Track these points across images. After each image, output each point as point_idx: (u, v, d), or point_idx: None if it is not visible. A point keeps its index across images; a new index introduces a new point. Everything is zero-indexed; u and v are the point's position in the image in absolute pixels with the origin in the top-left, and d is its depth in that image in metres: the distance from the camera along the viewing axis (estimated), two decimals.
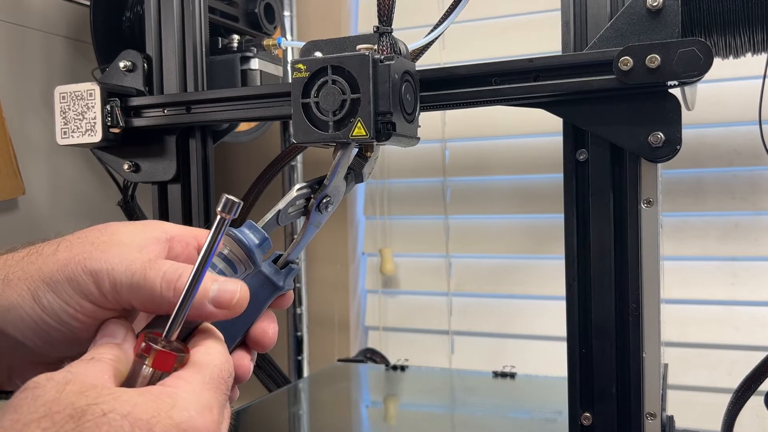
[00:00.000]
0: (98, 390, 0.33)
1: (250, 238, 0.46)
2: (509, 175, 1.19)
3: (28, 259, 0.42)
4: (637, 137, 0.57)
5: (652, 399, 0.61)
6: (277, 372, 1.12)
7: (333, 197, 0.51)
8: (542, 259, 1.17)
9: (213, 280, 0.42)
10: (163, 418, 0.33)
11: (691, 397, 1.06)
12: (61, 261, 0.41)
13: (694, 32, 0.66)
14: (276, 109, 0.71)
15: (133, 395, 0.33)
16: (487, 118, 1.17)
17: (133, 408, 0.32)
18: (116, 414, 0.32)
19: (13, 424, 0.31)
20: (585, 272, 0.62)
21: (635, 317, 0.60)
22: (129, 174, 0.82)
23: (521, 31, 1.16)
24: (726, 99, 1.03)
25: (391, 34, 0.55)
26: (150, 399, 0.33)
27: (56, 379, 0.34)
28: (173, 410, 0.33)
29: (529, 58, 0.60)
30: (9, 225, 0.95)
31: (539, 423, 0.86)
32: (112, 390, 0.33)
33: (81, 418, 0.31)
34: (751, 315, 1.04)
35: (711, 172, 1.06)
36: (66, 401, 0.32)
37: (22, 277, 0.41)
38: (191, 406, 0.34)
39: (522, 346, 1.18)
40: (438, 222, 1.25)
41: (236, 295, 0.42)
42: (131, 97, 0.79)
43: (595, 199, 0.61)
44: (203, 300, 0.41)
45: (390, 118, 0.51)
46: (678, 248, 1.07)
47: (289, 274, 0.50)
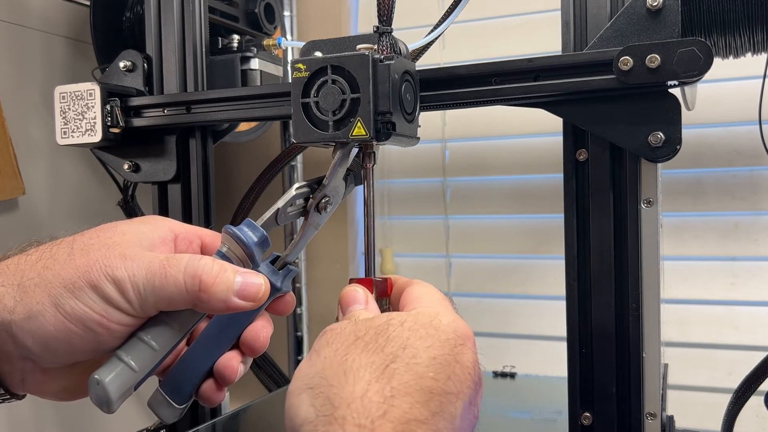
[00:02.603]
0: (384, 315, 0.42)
1: (249, 236, 0.46)
2: (509, 175, 1.19)
3: (42, 264, 0.42)
4: (637, 137, 0.57)
5: (652, 399, 0.61)
6: (277, 372, 1.12)
7: (332, 198, 0.51)
8: (542, 259, 1.17)
9: (236, 273, 0.42)
10: (438, 321, 0.41)
11: (691, 397, 1.06)
12: (81, 267, 0.41)
13: (694, 32, 0.66)
14: (276, 109, 0.71)
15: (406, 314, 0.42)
16: (487, 118, 1.17)
17: (416, 317, 0.41)
18: (409, 322, 0.41)
19: (334, 353, 0.39)
20: (585, 272, 0.62)
21: (635, 317, 0.60)
22: (129, 174, 0.82)
23: (521, 31, 1.16)
24: (726, 99, 1.03)
25: (391, 34, 0.55)
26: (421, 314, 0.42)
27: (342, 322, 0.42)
28: (440, 316, 0.42)
29: (529, 58, 0.60)
30: (9, 225, 0.95)
31: (539, 423, 0.86)
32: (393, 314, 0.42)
33: (386, 331, 0.40)
34: (751, 315, 1.04)
35: (711, 172, 1.06)
36: (365, 327, 0.41)
37: (40, 283, 0.41)
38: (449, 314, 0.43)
39: (522, 346, 1.18)
40: (438, 222, 1.25)
41: (262, 288, 0.43)
42: (131, 97, 0.79)
43: (595, 199, 0.61)
44: (228, 292, 0.42)
45: (390, 117, 0.51)
46: (678, 248, 1.07)
47: (287, 276, 0.49)
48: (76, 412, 1.04)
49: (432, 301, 0.45)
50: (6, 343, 0.41)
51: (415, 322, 0.41)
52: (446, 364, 0.39)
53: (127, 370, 0.42)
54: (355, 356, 0.38)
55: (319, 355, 0.40)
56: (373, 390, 0.36)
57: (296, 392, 0.39)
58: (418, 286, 0.47)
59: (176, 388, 0.48)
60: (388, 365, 0.38)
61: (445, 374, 0.38)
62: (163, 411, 0.48)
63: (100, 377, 0.42)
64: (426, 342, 0.39)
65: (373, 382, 0.36)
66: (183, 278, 0.41)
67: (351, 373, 0.37)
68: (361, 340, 0.39)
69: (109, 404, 0.42)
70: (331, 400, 0.36)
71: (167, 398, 0.47)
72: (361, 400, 0.36)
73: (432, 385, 0.37)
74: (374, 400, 0.36)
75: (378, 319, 0.41)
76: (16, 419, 0.96)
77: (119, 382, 0.42)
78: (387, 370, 0.37)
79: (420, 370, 0.38)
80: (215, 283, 0.42)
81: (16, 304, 0.41)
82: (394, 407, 0.35)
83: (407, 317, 0.41)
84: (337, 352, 0.39)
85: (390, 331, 0.40)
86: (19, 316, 0.40)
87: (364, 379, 0.37)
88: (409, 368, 0.38)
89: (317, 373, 0.38)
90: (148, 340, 0.43)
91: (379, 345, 0.39)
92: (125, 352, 0.43)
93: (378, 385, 0.36)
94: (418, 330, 0.40)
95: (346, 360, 0.38)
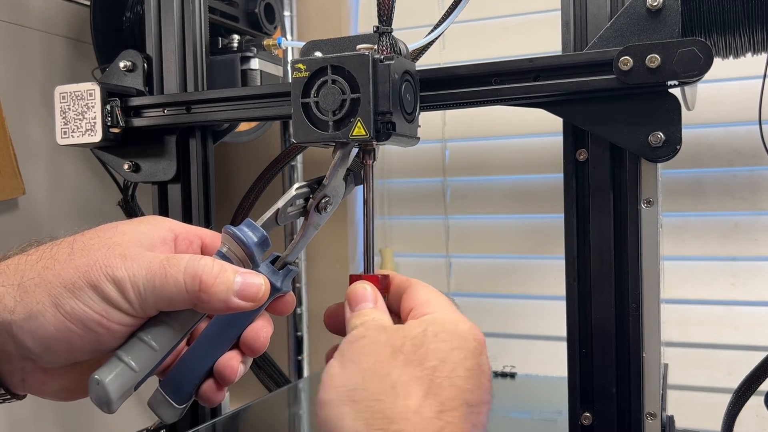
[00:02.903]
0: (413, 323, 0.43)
1: (249, 236, 0.46)
2: (509, 175, 1.19)
3: (42, 264, 0.42)
4: (637, 137, 0.57)
5: (652, 399, 0.61)
6: (277, 372, 1.12)
7: (332, 198, 0.51)
8: (542, 259, 1.17)
9: (236, 273, 0.42)
10: (461, 329, 0.42)
11: (691, 397, 1.06)
12: (81, 267, 0.41)
13: (694, 32, 0.66)
14: (276, 109, 0.71)
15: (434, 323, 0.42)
16: (487, 118, 1.17)
17: (444, 326, 0.42)
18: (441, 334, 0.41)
19: (375, 365, 0.39)
20: (585, 272, 0.62)
21: (635, 317, 0.60)
22: (129, 174, 0.82)
23: (521, 31, 1.16)
24: (726, 99, 1.03)
25: (391, 34, 0.55)
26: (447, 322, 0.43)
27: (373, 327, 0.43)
28: (460, 323, 0.43)
29: (529, 58, 0.60)
30: (9, 225, 0.95)
31: (539, 423, 0.86)
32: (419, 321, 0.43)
33: (423, 344, 0.40)
34: (751, 315, 1.04)
35: (711, 172, 1.06)
36: (400, 337, 0.41)
37: (40, 283, 0.41)
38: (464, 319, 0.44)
39: (522, 346, 1.18)
40: (438, 222, 1.25)
41: (262, 288, 0.44)
42: (131, 97, 0.79)
43: (595, 199, 0.61)
44: (228, 292, 0.42)
45: (390, 117, 0.51)
46: (678, 248, 1.07)
47: (287, 276, 0.49)
48: (76, 413, 1.04)
49: (443, 305, 0.45)
50: (6, 343, 0.41)
51: (447, 333, 0.41)
52: (477, 376, 0.40)
53: (128, 370, 0.42)
54: (401, 370, 0.39)
55: (357, 365, 0.40)
56: (426, 405, 0.37)
57: (336, 403, 0.39)
58: (422, 288, 0.48)
59: (176, 388, 0.48)
60: (433, 380, 0.39)
61: (477, 385, 0.40)
62: (163, 411, 0.48)
63: (100, 377, 0.42)
64: (460, 354, 0.41)
65: (424, 398, 0.38)
66: (183, 278, 0.41)
67: (400, 388, 0.38)
68: (401, 353, 0.40)
69: (109, 404, 0.42)
70: (385, 414, 0.37)
71: (167, 398, 0.47)
72: (417, 415, 0.37)
73: (470, 398, 0.39)
74: (428, 415, 0.37)
75: (411, 329, 0.42)
76: (16, 419, 0.96)
77: (119, 382, 0.42)
78: (433, 386, 0.38)
79: (459, 383, 0.39)
80: (215, 283, 0.42)
81: (16, 304, 0.41)
82: (450, 423, 0.37)
83: (438, 328, 0.42)
84: (378, 364, 0.40)
85: (427, 344, 0.40)
86: (19, 316, 0.40)
87: (415, 394, 0.38)
88: (451, 383, 0.39)
89: (359, 386, 0.39)
90: (149, 340, 0.43)
91: (418, 358, 0.40)
92: (125, 352, 0.43)
93: (429, 401, 0.37)
94: (451, 341, 0.41)
95: (390, 374, 0.39)
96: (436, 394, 0.38)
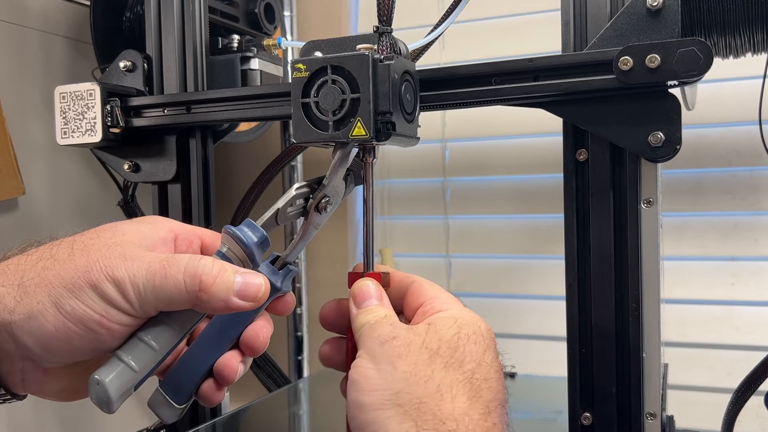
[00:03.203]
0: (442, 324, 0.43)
1: (249, 236, 0.46)
2: (509, 175, 1.19)
3: (42, 264, 0.42)
4: (637, 137, 0.57)
5: (652, 399, 0.61)
6: (277, 372, 1.12)
7: (332, 198, 0.51)
8: (542, 259, 1.17)
9: (236, 273, 0.42)
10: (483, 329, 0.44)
11: (691, 397, 1.06)
12: (81, 267, 0.41)
13: (694, 32, 0.66)
14: (276, 109, 0.71)
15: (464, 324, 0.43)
16: (487, 118, 1.17)
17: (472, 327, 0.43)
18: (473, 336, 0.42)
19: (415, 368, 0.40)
20: (585, 272, 0.62)
21: (635, 317, 0.60)
22: (129, 174, 0.82)
23: (521, 31, 1.16)
24: (726, 99, 1.03)
25: (391, 34, 0.55)
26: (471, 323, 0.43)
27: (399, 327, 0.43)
28: (479, 321, 0.44)
29: (529, 58, 0.60)
30: (9, 225, 0.95)
31: (539, 423, 0.86)
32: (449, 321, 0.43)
33: (458, 347, 0.41)
34: (751, 315, 1.04)
35: (711, 172, 1.06)
36: (435, 340, 0.41)
37: (40, 283, 0.41)
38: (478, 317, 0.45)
39: (522, 346, 1.18)
40: (438, 222, 1.25)
41: (261, 288, 0.44)
42: (131, 97, 0.79)
43: (595, 199, 0.61)
44: (228, 292, 0.42)
45: (390, 117, 0.51)
46: (678, 248, 1.07)
47: (288, 276, 0.49)
48: (76, 413, 1.04)
49: (454, 302, 0.46)
50: (6, 343, 0.41)
51: (476, 335, 0.43)
52: (501, 375, 0.43)
53: (127, 370, 0.42)
54: (443, 373, 0.40)
55: (395, 368, 0.40)
56: (473, 408, 0.39)
57: (377, 406, 0.39)
58: (428, 284, 0.48)
59: (176, 388, 0.48)
60: (472, 383, 0.40)
61: (502, 384, 0.42)
62: (163, 411, 0.48)
63: (100, 377, 0.42)
64: (490, 356, 0.42)
65: (470, 400, 0.39)
66: (183, 278, 0.41)
67: (446, 390, 0.39)
68: (439, 356, 0.41)
69: (109, 404, 0.42)
70: (435, 414, 0.38)
71: (167, 398, 0.47)
72: (466, 416, 0.38)
73: (502, 398, 0.41)
74: (476, 417, 0.38)
75: (444, 331, 0.42)
76: (16, 419, 0.96)
77: (119, 382, 0.42)
78: (473, 388, 0.40)
79: (495, 386, 0.41)
80: (215, 283, 0.42)
81: (16, 304, 0.41)
82: (495, 425, 0.39)
83: (469, 330, 0.43)
84: (418, 366, 0.40)
85: (462, 346, 0.42)
86: (19, 316, 0.40)
87: (461, 396, 0.39)
88: (489, 385, 0.40)
89: (403, 389, 0.39)
90: (149, 340, 0.43)
91: (456, 361, 0.41)
92: (125, 352, 0.43)
93: (475, 403, 0.39)
94: (481, 343, 0.42)
95: (433, 377, 0.39)
96: (480, 396, 0.39)
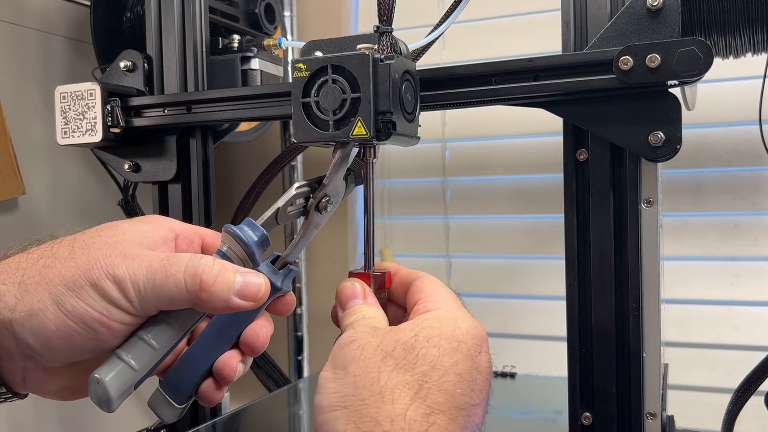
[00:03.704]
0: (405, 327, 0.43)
1: (249, 235, 0.46)
2: (509, 175, 1.19)
3: (43, 263, 0.42)
4: (638, 137, 0.57)
5: (652, 399, 0.61)
6: (277, 372, 1.12)
7: (332, 197, 0.51)
8: (542, 259, 1.17)
9: (236, 272, 0.42)
10: (459, 330, 0.42)
11: (691, 397, 1.06)
12: (82, 265, 0.41)
13: (694, 32, 0.66)
14: (276, 109, 0.71)
15: (429, 325, 0.42)
16: (487, 118, 1.17)
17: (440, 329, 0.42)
18: (434, 338, 0.41)
19: (365, 371, 0.40)
20: (585, 272, 0.62)
21: (635, 317, 0.60)
22: (129, 174, 0.82)
23: (521, 31, 1.16)
24: (726, 99, 1.03)
25: (391, 33, 0.55)
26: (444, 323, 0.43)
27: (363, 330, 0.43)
28: (460, 323, 0.43)
29: (529, 58, 0.60)
30: (9, 225, 0.95)
31: (539, 423, 0.86)
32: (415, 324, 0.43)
33: (414, 348, 0.41)
34: (751, 315, 1.04)
35: (711, 172, 1.06)
36: (391, 342, 0.41)
37: (41, 281, 0.41)
38: (466, 318, 0.44)
39: (522, 346, 1.18)
40: (438, 222, 1.25)
41: (262, 288, 0.44)
42: (132, 96, 0.79)
43: (595, 199, 0.61)
44: (229, 291, 0.42)
45: (390, 117, 0.51)
46: (678, 248, 1.07)
47: (288, 275, 0.49)
48: (77, 412, 1.04)
49: (447, 302, 0.46)
50: (7, 341, 0.41)
51: (440, 337, 0.42)
52: (470, 378, 0.41)
53: (127, 369, 0.42)
54: (389, 375, 0.40)
55: (348, 372, 0.40)
56: (412, 409, 0.38)
57: (328, 409, 0.40)
58: (428, 282, 0.48)
59: (176, 387, 0.48)
60: (422, 385, 0.39)
61: (470, 387, 0.41)
62: (163, 411, 0.48)
63: (100, 376, 0.42)
64: (452, 358, 0.41)
65: (411, 402, 0.38)
66: (183, 277, 0.41)
67: (388, 393, 0.39)
68: (391, 358, 0.40)
69: (108, 403, 0.42)
70: (373, 417, 0.38)
71: (167, 398, 0.47)
72: (403, 417, 0.38)
73: (460, 402, 0.40)
74: (415, 418, 0.38)
75: (403, 333, 0.42)
76: (16, 419, 0.96)
77: (119, 381, 0.42)
78: (421, 390, 0.39)
79: (449, 388, 0.40)
80: (216, 282, 0.42)
81: (17, 302, 0.41)
82: (435, 425, 0.38)
83: (431, 332, 0.42)
84: (368, 370, 0.40)
85: (418, 349, 0.41)
86: (20, 314, 0.41)
87: (402, 398, 0.39)
88: (440, 387, 0.39)
89: (350, 394, 0.40)
90: (149, 339, 0.43)
91: (409, 362, 0.40)
92: (125, 351, 0.43)
93: (416, 405, 0.38)
94: (443, 346, 0.41)
95: (379, 379, 0.40)
96: (424, 398, 0.39)
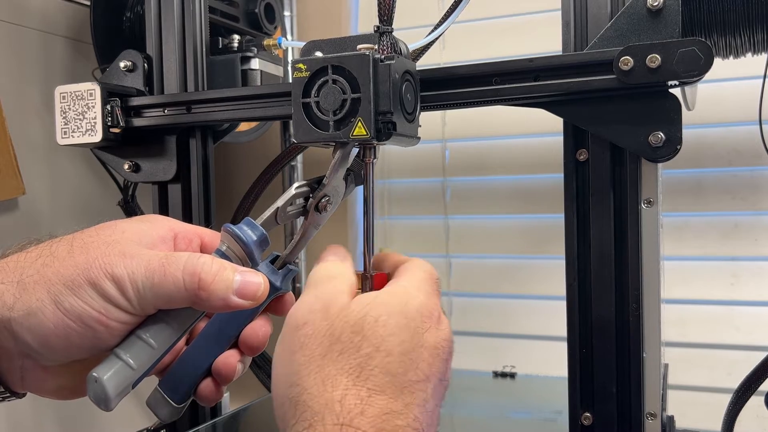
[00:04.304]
0: (357, 306, 0.42)
1: (248, 234, 0.46)
2: (509, 175, 1.19)
3: (42, 262, 0.42)
4: (638, 137, 0.57)
5: (652, 399, 0.61)
6: None
7: (332, 197, 0.51)
8: (542, 259, 1.17)
9: (235, 271, 0.42)
10: (408, 307, 0.42)
11: (691, 397, 1.06)
12: (80, 264, 0.41)
13: (694, 32, 0.66)
14: (276, 109, 0.71)
15: (379, 305, 0.42)
16: (487, 118, 1.17)
17: (389, 307, 0.42)
18: (383, 317, 0.41)
19: (310, 359, 0.40)
20: (585, 272, 0.62)
21: (635, 317, 0.60)
22: (129, 174, 0.82)
23: (521, 31, 1.16)
24: (726, 99, 1.03)
25: (391, 33, 0.55)
26: (395, 298, 0.42)
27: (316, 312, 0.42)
28: (411, 299, 0.43)
29: (529, 58, 0.60)
30: (9, 225, 0.95)
31: (539, 423, 0.86)
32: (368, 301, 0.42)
33: (362, 330, 0.40)
34: (751, 315, 1.04)
35: (711, 172, 1.06)
36: (341, 324, 0.41)
37: (39, 280, 0.41)
38: (420, 295, 0.43)
39: (522, 346, 1.18)
40: (438, 222, 1.25)
41: (261, 287, 0.44)
42: (131, 97, 0.79)
43: (595, 199, 0.61)
44: (227, 290, 0.42)
45: (390, 117, 0.51)
46: (678, 248, 1.07)
47: (287, 275, 0.49)
48: (76, 412, 1.04)
49: (411, 280, 0.45)
50: (6, 340, 0.41)
51: (389, 315, 0.41)
52: (416, 356, 0.41)
53: (126, 368, 0.42)
54: (333, 362, 0.40)
55: (293, 360, 0.41)
56: (350, 394, 0.38)
57: (277, 396, 0.41)
58: (409, 264, 0.48)
59: (175, 387, 0.48)
60: (363, 368, 0.39)
61: (414, 365, 0.40)
62: (162, 410, 0.48)
63: (98, 375, 0.42)
64: (398, 338, 0.41)
65: (351, 387, 0.39)
66: (182, 276, 0.41)
67: (329, 381, 0.39)
68: (339, 343, 0.40)
69: (106, 402, 0.42)
70: (310, 405, 0.38)
71: (166, 397, 0.47)
72: (339, 403, 0.38)
73: (403, 380, 0.40)
74: (353, 402, 0.38)
75: (352, 313, 0.42)
76: (15, 419, 0.96)
77: (117, 379, 0.42)
78: (362, 373, 0.39)
79: (392, 369, 0.40)
80: (214, 281, 0.42)
81: (15, 301, 0.41)
82: (371, 406, 0.38)
83: (380, 310, 0.42)
84: (313, 357, 0.40)
85: (365, 330, 0.41)
86: (18, 313, 0.41)
87: (341, 384, 0.39)
88: (383, 368, 0.39)
89: (295, 383, 0.40)
90: (147, 338, 0.43)
91: (354, 345, 0.40)
92: (124, 350, 0.43)
93: (355, 389, 0.38)
94: (390, 324, 0.41)
95: (322, 368, 0.40)
96: (365, 380, 0.39)
